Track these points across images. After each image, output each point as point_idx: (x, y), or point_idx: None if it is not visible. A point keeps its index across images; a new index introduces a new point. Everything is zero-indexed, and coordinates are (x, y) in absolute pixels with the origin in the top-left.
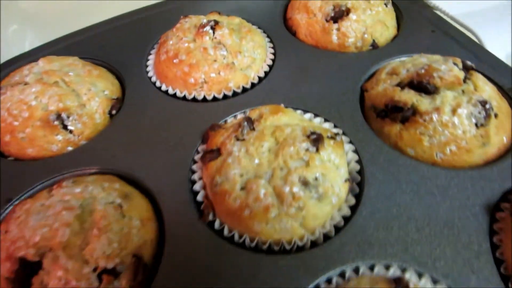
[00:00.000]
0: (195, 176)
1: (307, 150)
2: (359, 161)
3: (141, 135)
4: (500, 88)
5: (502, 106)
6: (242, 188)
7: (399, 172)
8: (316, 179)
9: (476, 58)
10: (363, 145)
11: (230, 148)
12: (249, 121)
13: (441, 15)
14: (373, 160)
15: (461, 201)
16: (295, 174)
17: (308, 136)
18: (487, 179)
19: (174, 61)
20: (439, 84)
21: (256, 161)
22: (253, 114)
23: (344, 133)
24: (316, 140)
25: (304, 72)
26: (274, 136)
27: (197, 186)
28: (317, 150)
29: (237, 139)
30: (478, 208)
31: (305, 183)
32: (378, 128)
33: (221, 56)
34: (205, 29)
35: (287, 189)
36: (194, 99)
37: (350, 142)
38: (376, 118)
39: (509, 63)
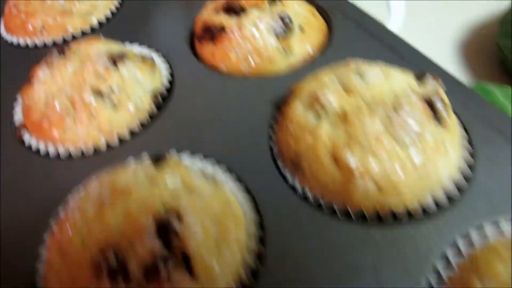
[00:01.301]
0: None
1: (106, 68)
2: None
3: None
4: (319, 7)
5: (312, 22)
6: (46, 105)
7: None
8: (111, 90)
9: None
10: (181, 67)
11: (39, 75)
12: (61, 49)
13: None
14: (185, 78)
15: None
16: (88, 86)
17: (111, 57)
18: None
19: (13, 12)
20: (245, 5)
21: (59, 80)
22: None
23: (168, 61)
24: (117, 58)
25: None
26: (81, 60)
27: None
28: (115, 65)
29: (47, 66)
30: None
31: (98, 93)
32: (199, 53)
33: (58, 4)
34: None
35: (79, 98)
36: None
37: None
38: (198, 43)
39: None
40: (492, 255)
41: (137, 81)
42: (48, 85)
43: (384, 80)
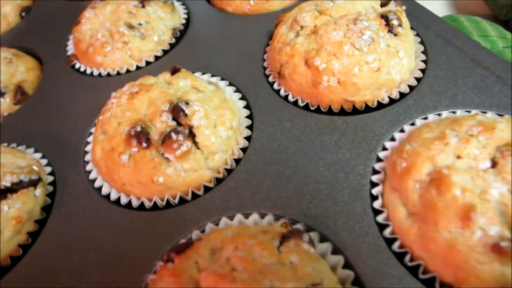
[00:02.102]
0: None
1: (136, 7)
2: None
3: None
4: None
5: None
6: (91, 37)
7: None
8: (139, 24)
9: None
10: (195, 8)
11: (85, 15)
12: None
13: None
14: (199, 17)
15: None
16: (122, 21)
17: None
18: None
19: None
20: None
21: (101, 18)
22: None
23: (184, 4)
24: (144, 0)
25: None
26: (116, 2)
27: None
28: (143, 6)
29: (91, 8)
30: None
31: (130, 26)
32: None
33: None
34: None
35: (115, 30)
36: None
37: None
38: None
39: None
40: (424, 127)
41: (160, 18)
42: (92, 22)
43: (351, 3)
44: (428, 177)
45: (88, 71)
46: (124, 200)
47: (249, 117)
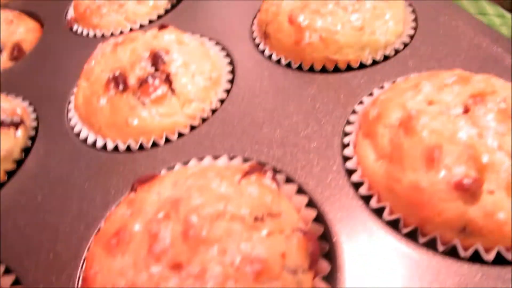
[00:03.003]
0: None
1: None
2: None
3: None
4: None
5: None
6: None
7: None
8: None
9: None
10: None
11: None
12: None
13: None
14: None
15: None
16: None
17: None
18: None
19: None
20: None
21: None
22: None
23: None
24: None
25: None
26: None
27: None
28: None
29: None
30: None
31: None
32: None
33: None
34: None
35: None
36: None
37: None
38: None
39: None
40: (402, 81)
41: None
42: None
43: None
44: (397, 121)
45: (85, 33)
46: (100, 143)
47: (232, 73)
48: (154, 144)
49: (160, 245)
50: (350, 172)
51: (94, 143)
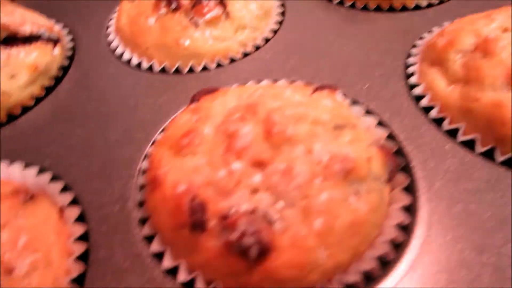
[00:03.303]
0: None
1: None
2: None
3: None
4: None
5: None
6: None
7: None
8: None
9: None
10: None
11: None
12: None
13: None
14: None
15: None
16: None
17: None
18: None
19: None
20: None
21: None
22: None
23: None
24: None
25: None
26: None
27: None
28: None
29: None
30: None
31: None
32: None
33: None
34: None
35: None
36: None
37: None
38: None
39: None
40: (468, 16)
41: None
42: None
43: None
44: (472, 46)
45: None
46: (145, 65)
47: (283, 6)
48: (205, 68)
49: (241, 143)
50: (417, 99)
51: (139, 65)
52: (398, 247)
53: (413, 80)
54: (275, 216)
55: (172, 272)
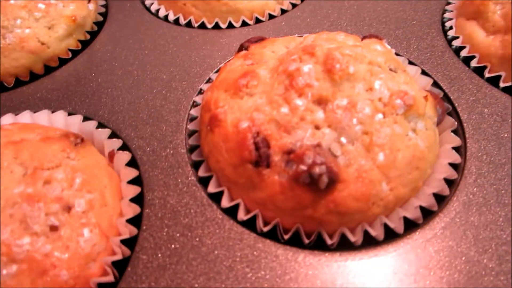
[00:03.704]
0: None
1: None
2: None
3: None
4: None
5: None
6: None
7: None
8: None
9: None
10: None
11: None
12: None
13: None
14: None
15: None
16: None
17: None
18: None
19: None
20: None
21: None
22: None
23: None
24: None
25: None
26: None
27: None
28: None
29: None
30: None
31: None
32: None
33: None
34: None
35: None
36: None
37: None
38: None
39: None
40: None
41: None
42: None
43: None
44: None
45: None
46: (183, 21)
47: None
48: (244, 24)
49: (303, 80)
50: (456, 50)
51: (177, 20)
52: (452, 184)
53: (451, 33)
54: (338, 150)
55: (230, 212)
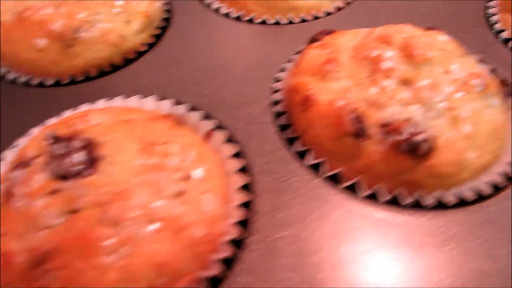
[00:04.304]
0: None
1: None
2: None
3: None
4: None
5: None
6: None
7: None
8: None
9: None
10: None
11: None
12: None
13: None
14: None
15: None
16: None
17: None
18: None
19: None
20: None
21: None
22: None
23: None
24: None
25: None
26: None
27: None
28: None
29: None
30: None
31: None
32: None
33: None
34: None
35: None
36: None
37: None
38: None
39: None
40: None
41: None
42: None
43: None
44: None
45: None
46: (245, 17)
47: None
48: (303, 21)
49: (388, 64)
50: (505, 42)
51: (238, 18)
52: None
53: (497, 26)
54: (429, 123)
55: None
